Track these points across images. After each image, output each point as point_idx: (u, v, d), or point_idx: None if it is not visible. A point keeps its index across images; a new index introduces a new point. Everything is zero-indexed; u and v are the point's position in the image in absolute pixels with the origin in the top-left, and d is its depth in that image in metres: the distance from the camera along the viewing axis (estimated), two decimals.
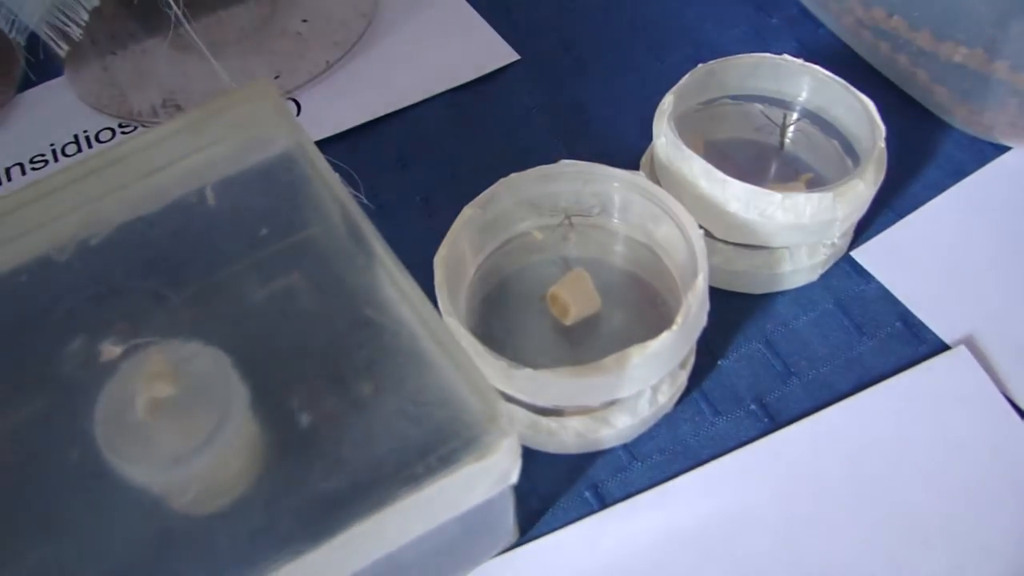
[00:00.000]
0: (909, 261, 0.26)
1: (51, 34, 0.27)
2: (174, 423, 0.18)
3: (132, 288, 0.20)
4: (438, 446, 0.17)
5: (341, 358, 0.18)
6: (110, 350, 0.19)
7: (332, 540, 0.16)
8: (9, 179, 0.30)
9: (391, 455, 0.17)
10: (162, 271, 0.20)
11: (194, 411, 0.18)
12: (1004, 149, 0.29)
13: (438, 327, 0.18)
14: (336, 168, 0.21)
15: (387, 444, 0.17)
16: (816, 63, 0.26)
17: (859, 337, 0.25)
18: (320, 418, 0.18)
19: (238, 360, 0.19)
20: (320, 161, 0.20)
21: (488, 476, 0.17)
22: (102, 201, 0.21)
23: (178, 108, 0.31)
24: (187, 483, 0.18)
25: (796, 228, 0.24)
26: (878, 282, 0.26)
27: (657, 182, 0.26)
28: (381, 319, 0.19)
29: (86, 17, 0.27)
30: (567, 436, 0.23)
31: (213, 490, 0.18)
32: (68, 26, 0.27)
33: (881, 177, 0.24)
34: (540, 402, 0.22)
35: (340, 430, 0.18)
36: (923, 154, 0.29)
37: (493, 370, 0.21)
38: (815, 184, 0.26)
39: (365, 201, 0.28)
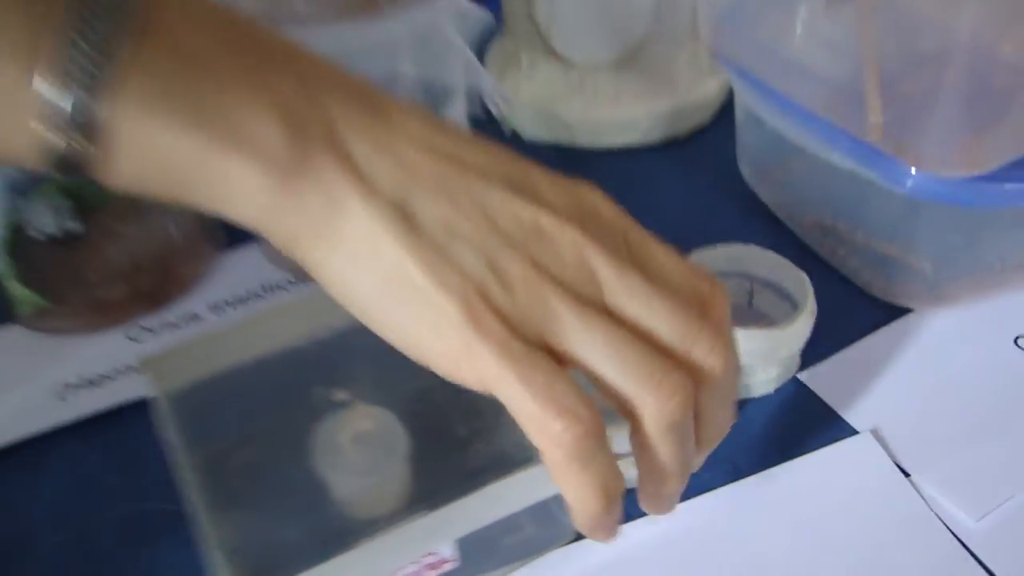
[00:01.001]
0: (838, 379, 0.39)
1: None
2: (363, 450, 0.32)
3: (344, 369, 0.34)
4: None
5: (476, 405, 0.32)
6: (338, 395, 0.32)
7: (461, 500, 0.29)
8: (222, 313, 0.45)
9: (503, 455, 0.30)
10: (363, 360, 0.34)
11: (375, 443, 0.32)
12: (908, 310, 0.42)
13: None
14: None
15: (502, 449, 0.30)
16: (775, 249, 0.40)
17: (793, 432, 0.38)
18: (457, 440, 0.31)
19: (400, 414, 0.32)
20: None
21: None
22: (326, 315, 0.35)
23: None
24: (368, 490, 0.31)
25: (756, 353, 0.37)
26: (815, 394, 0.39)
27: None
28: None
29: None
30: None
31: (385, 496, 0.31)
32: None
33: (812, 322, 0.38)
34: None
35: (470, 449, 0.31)
36: (847, 311, 0.42)
37: None
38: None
39: None
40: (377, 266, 0.24)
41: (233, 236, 0.48)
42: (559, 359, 0.24)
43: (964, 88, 0.34)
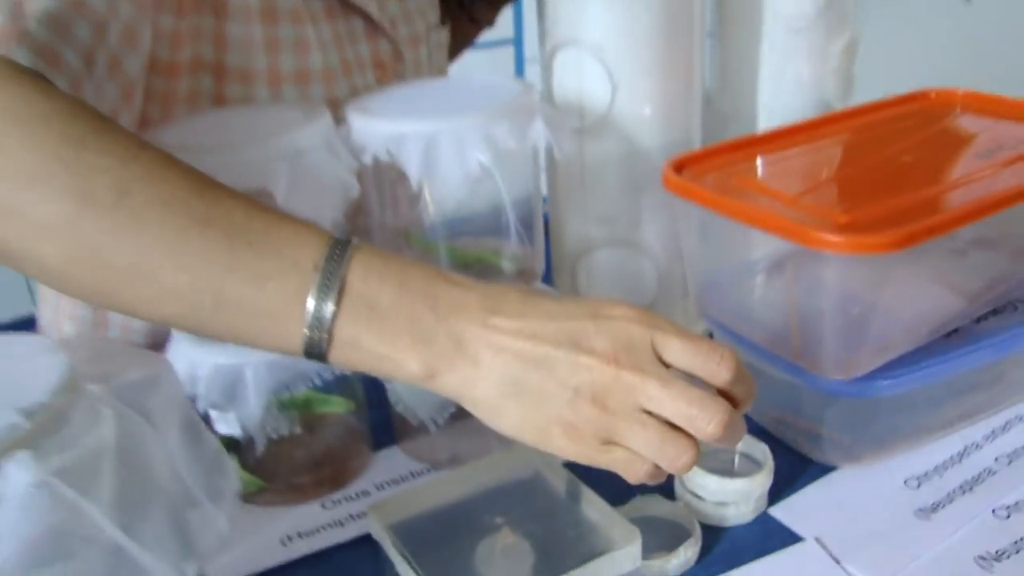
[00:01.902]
0: (793, 510, 0.63)
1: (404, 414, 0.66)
2: (507, 558, 0.54)
3: (499, 504, 0.57)
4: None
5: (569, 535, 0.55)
6: (496, 520, 0.56)
7: None
8: (383, 489, 0.67)
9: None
10: (511, 498, 0.57)
11: (514, 554, 0.55)
12: (834, 467, 0.66)
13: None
14: None
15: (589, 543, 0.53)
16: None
17: (762, 543, 0.60)
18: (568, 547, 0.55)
19: (529, 534, 0.55)
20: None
21: (628, 559, 0.53)
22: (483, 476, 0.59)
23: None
24: None
25: (739, 494, 0.61)
26: (777, 520, 0.62)
27: None
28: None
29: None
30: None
31: None
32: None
33: (771, 476, 0.61)
34: None
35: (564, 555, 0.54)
36: (793, 468, 0.66)
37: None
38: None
39: None
40: (500, 422, 0.47)
41: (379, 440, 0.72)
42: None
43: (845, 328, 0.60)
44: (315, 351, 0.46)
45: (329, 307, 0.45)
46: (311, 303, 0.45)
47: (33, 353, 0.42)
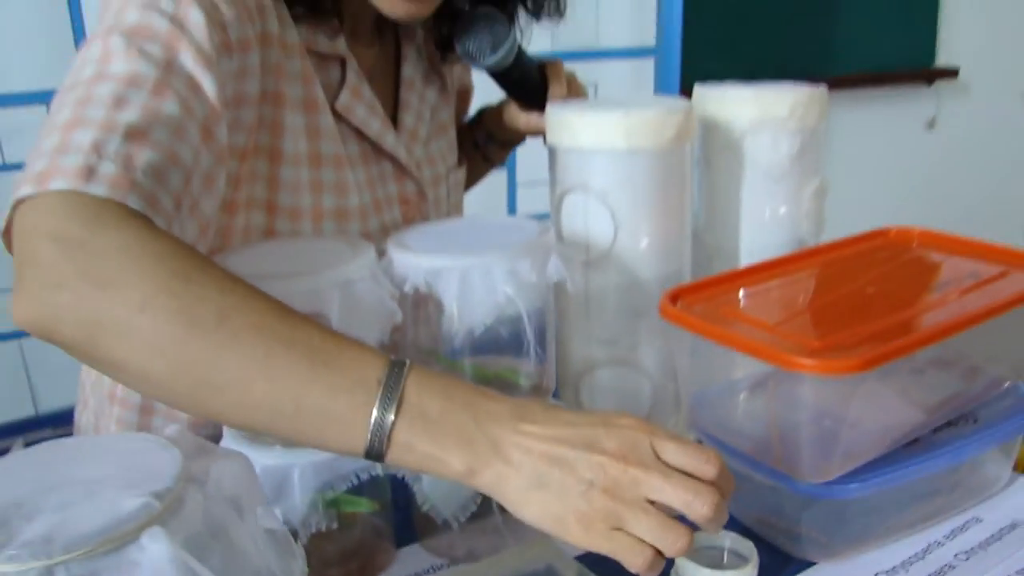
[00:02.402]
0: None
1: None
2: None
3: None
4: None
5: None
6: None
7: None
8: None
9: None
10: None
11: None
12: (813, 563, 0.75)
13: None
14: None
15: None
16: (733, 530, 0.73)
17: None
18: None
19: None
20: None
21: None
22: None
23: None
24: None
25: None
26: None
27: None
28: None
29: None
30: None
31: None
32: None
33: (756, 569, 0.70)
34: None
35: None
36: (775, 564, 0.74)
37: None
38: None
39: None
40: (525, 511, 0.55)
41: (402, 538, 0.80)
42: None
43: (819, 438, 0.70)
44: (375, 453, 0.56)
45: (390, 417, 0.55)
46: (375, 413, 0.55)
47: (149, 448, 0.51)
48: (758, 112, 0.92)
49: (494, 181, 2.08)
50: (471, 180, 1.16)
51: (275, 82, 0.82)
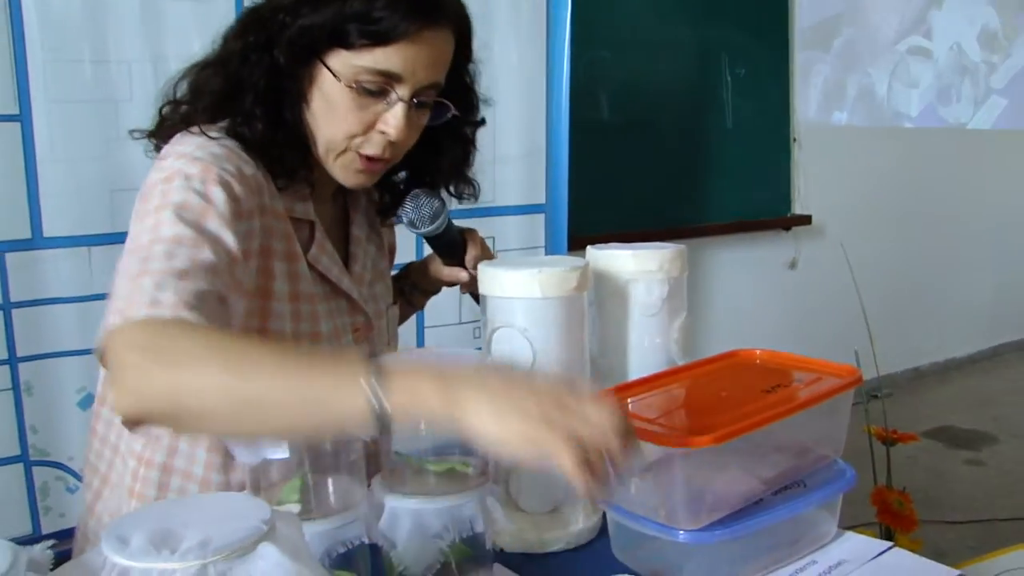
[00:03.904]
0: None
1: None
2: None
3: None
4: None
5: None
6: None
7: None
8: None
9: None
10: None
11: None
12: None
13: None
14: None
15: None
16: None
17: None
18: None
19: None
20: None
21: None
22: None
23: None
24: None
25: None
26: None
27: None
28: None
29: None
30: None
31: None
32: None
33: None
34: None
35: None
36: None
37: None
38: None
39: None
40: (490, 433, 0.78)
41: None
42: None
43: (689, 497, 1.01)
44: (378, 414, 0.79)
45: (378, 386, 0.80)
46: (368, 386, 0.80)
47: (243, 500, 0.78)
48: (636, 267, 1.26)
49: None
50: (401, 318, 1.47)
51: (268, 240, 1.13)
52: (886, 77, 4.35)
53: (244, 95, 1.10)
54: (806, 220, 3.82)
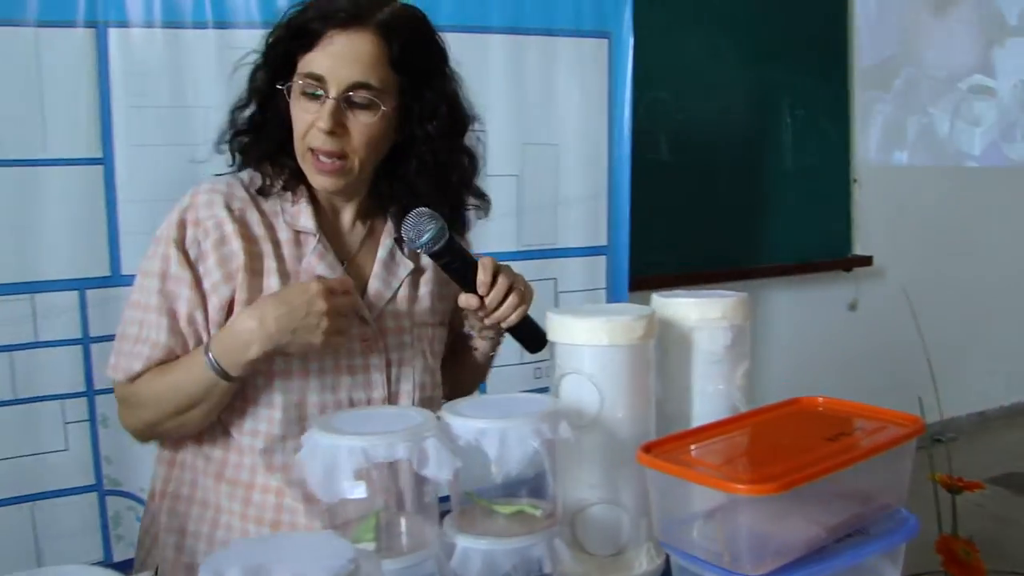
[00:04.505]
0: None
1: None
2: None
3: None
4: None
5: None
6: None
7: None
8: None
9: None
10: None
11: None
12: None
13: None
14: None
15: None
16: None
17: None
18: None
19: None
20: None
21: None
22: None
23: None
24: None
25: None
26: None
27: None
28: None
29: None
30: None
31: None
32: None
33: None
34: None
35: None
36: None
37: None
38: None
39: None
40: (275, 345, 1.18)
41: None
42: None
43: (754, 543, 1.03)
44: (213, 366, 1.19)
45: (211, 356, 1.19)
46: (204, 352, 1.19)
47: (328, 539, 0.83)
48: (700, 315, 1.30)
49: None
50: (469, 372, 1.50)
51: (253, 263, 1.29)
52: (948, 116, 4.34)
53: (249, 123, 1.33)
54: (867, 261, 3.82)
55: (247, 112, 1.32)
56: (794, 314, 3.63)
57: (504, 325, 1.30)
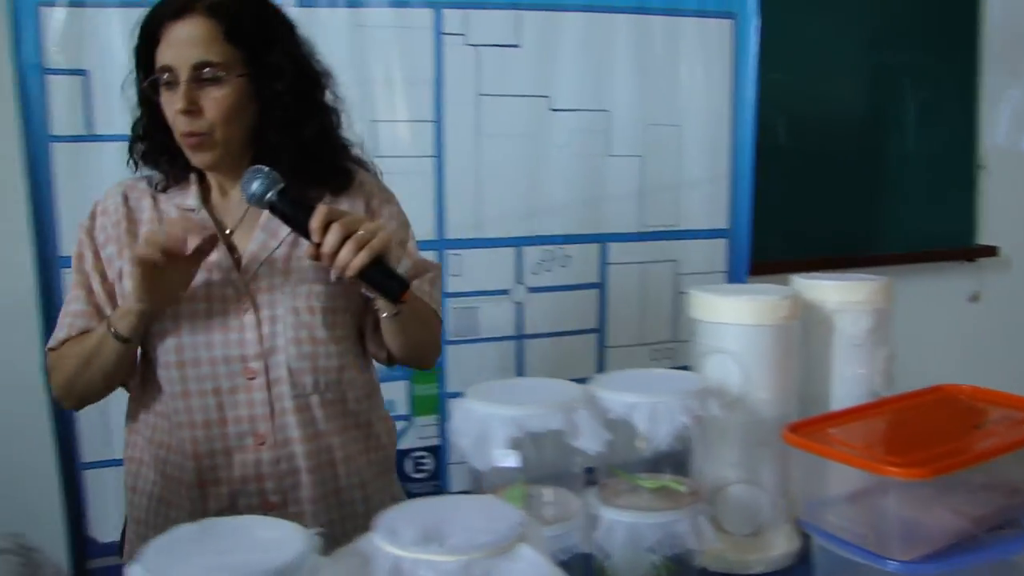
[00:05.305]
0: None
1: None
2: None
3: None
4: None
5: None
6: None
7: None
8: None
9: None
10: None
11: None
12: None
13: None
14: None
15: None
16: None
17: None
18: None
19: None
20: None
21: None
22: None
23: None
24: None
25: None
26: None
27: None
28: None
29: None
30: None
31: None
32: None
33: None
34: None
35: None
36: None
37: None
38: None
39: None
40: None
41: None
42: None
43: (903, 528, 1.03)
44: (112, 333, 1.29)
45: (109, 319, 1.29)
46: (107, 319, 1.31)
47: (494, 503, 0.86)
48: (842, 297, 1.30)
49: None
50: (392, 334, 1.41)
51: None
52: None
53: (141, 130, 1.43)
54: (992, 251, 3.70)
55: (140, 121, 1.43)
56: (912, 304, 3.54)
57: (348, 273, 1.24)
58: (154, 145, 1.42)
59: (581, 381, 1.16)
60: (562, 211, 2.39)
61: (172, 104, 1.32)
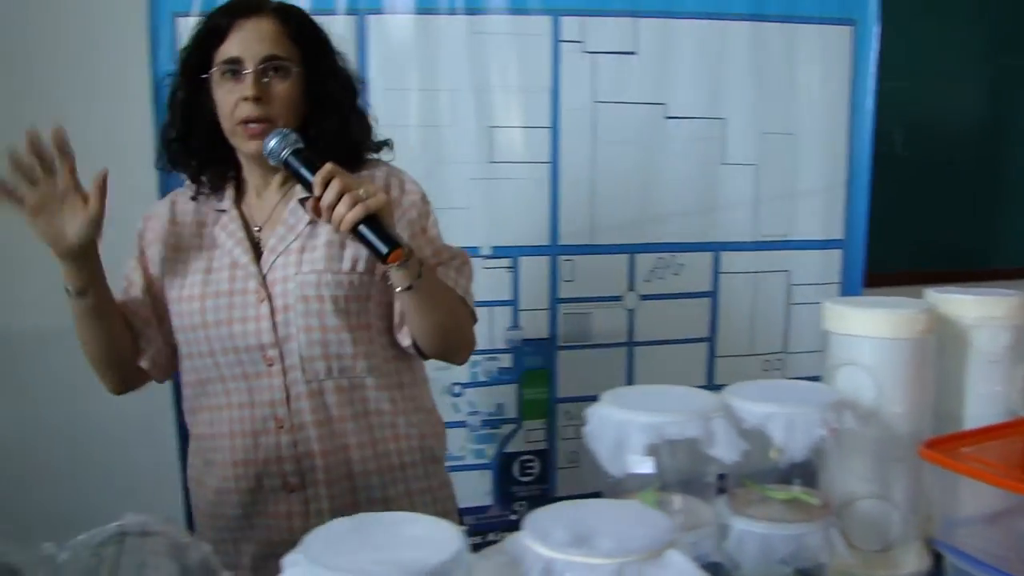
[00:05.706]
0: None
1: None
2: None
3: None
4: None
5: None
6: None
7: None
8: None
9: None
10: None
11: None
12: None
13: None
14: None
15: None
16: None
17: None
18: None
19: None
20: None
21: None
22: None
23: None
24: None
25: None
26: None
27: None
28: None
29: None
30: None
31: None
32: None
33: None
34: None
35: None
36: None
37: None
38: None
39: None
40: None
41: None
42: None
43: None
44: (67, 291, 1.39)
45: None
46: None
47: (641, 509, 0.88)
48: (980, 312, 1.28)
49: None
50: (415, 314, 1.45)
51: (177, 239, 1.54)
52: None
53: (176, 136, 1.51)
54: None
55: (174, 128, 1.51)
56: None
57: (343, 227, 1.28)
58: (187, 147, 1.51)
59: None
60: (675, 219, 2.38)
61: (236, 92, 1.41)
